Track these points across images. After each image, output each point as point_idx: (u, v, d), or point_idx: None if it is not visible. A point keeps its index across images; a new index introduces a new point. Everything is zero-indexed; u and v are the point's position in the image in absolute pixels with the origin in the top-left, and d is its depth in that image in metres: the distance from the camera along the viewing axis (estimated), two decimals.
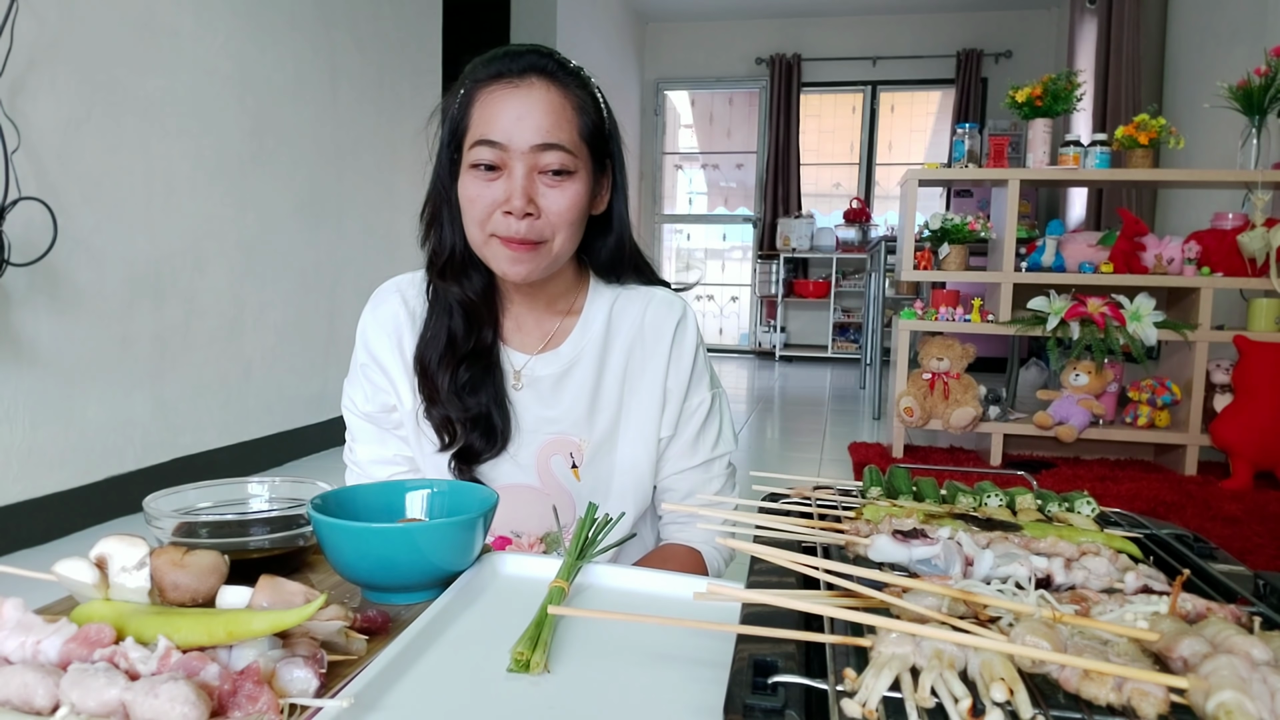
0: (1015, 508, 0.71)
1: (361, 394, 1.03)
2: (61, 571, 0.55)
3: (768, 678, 0.41)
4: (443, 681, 0.54)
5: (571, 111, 0.91)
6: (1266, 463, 3.26)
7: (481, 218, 0.90)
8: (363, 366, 1.03)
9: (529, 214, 0.89)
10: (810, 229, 7.81)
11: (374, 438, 1.03)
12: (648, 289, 1.05)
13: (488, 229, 0.90)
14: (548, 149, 0.88)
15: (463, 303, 0.98)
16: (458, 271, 0.97)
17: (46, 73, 2.30)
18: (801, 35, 7.94)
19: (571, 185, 0.91)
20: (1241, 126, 3.46)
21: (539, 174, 0.89)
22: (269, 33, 3.22)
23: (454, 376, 0.97)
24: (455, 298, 0.98)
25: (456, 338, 0.98)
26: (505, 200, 0.88)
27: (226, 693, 0.45)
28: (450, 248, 0.97)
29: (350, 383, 1.05)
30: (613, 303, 1.03)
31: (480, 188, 0.90)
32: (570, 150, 0.90)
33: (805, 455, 3.93)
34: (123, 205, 2.57)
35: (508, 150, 0.88)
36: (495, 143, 0.88)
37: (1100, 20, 5.97)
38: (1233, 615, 0.49)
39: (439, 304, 0.99)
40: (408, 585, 0.66)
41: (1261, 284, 3.35)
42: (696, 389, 1.04)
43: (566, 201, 0.90)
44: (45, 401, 2.34)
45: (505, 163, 0.88)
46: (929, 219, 3.85)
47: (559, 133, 0.89)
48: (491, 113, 0.89)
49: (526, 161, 0.88)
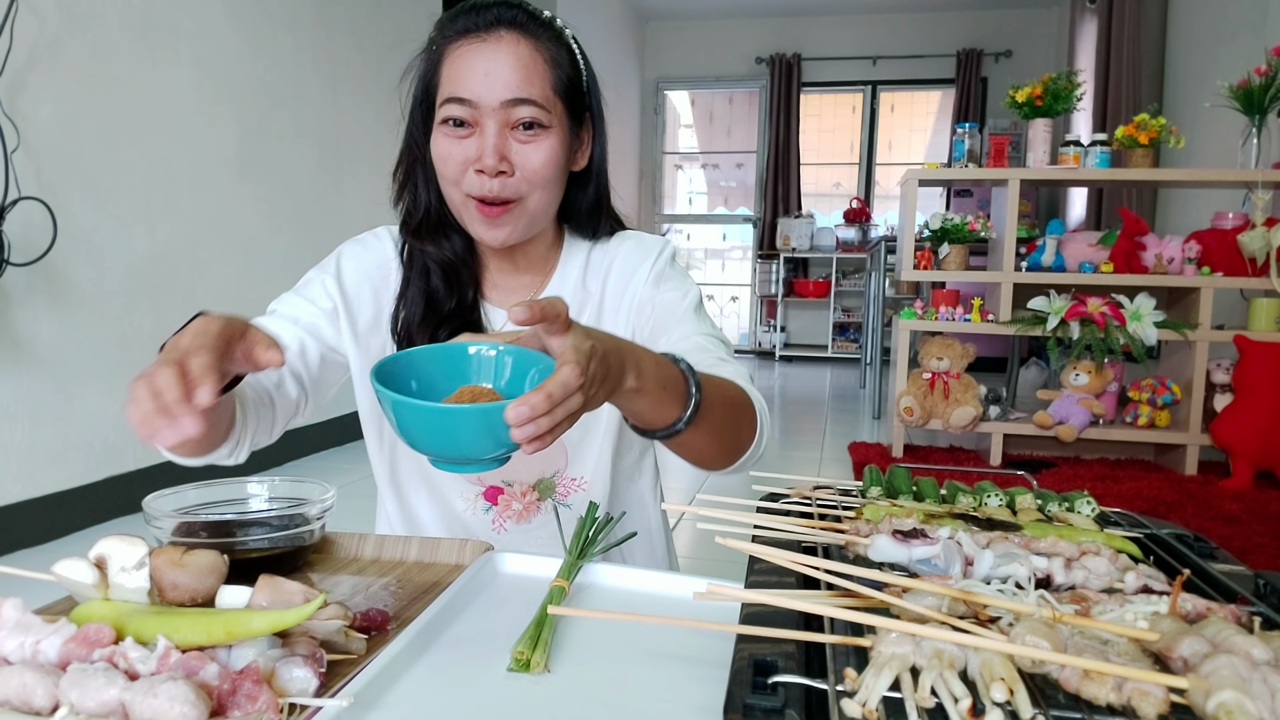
0: (1015, 508, 0.71)
1: (295, 303, 0.95)
2: (61, 571, 0.55)
3: (768, 678, 0.41)
4: (443, 681, 0.54)
5: (543, 64, 0.87)
6: (1267, 462, 3.26)
7: (455, 176, 0.87)
8: (322, 281, 0.96)
9: (502, 171, 0.86)
10: (810, 229, 7.80)
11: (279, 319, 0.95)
12: (623, 233, 1.03)
13: (463, 189, 0.87)
14: (518, 104, 0.85)
15: (442, 262, 0.95)
16: (434, 231, 0.95)
17: (46, 72, 2.30)
18: (801, 35, 7.94)
19: (546, 141, 0.87)
20: (1241, 126, 3.46)
21: (511, 130, 0.86)
22: (269, 32, 3.22)
23: (434, 338, 0.93)
24: (434, 258, 0.95)
25: (437, 297, 0.95)
26: (477, 158, 0.85)
27: (226, 692, 0.45)
28: (425, 208, 0.95)
29: (282, 298, 0.97)
30: (589, 253, 1.01)
31: (451, 145, 0.87)
32: (542, 105, 0.86)
33: (805, 455, 3.93)
34: (122, 205, 2.57)
35: (477, 107, 0.85)
36: (464, 99, 0.85)
37: (1100, 20, 5.97)
38: (1233, 615, 0.49)
39: (416, 265, 0.96)
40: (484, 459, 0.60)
41: (1261, 284, 3.35)
42: (668, 285, 0.98)
43: (541, 157, 0.87)
44: (45, 401, 2.34)
45: (476, 120, 0.86)
46: (929, 219, 3.85)
47: (530, 87, 0.85)
48: (460, 69, 0.86)
49: (497, 118, 0.85)
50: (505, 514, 1.00)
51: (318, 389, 0.96)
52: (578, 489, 1.00)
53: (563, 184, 0.93)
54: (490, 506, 0.99)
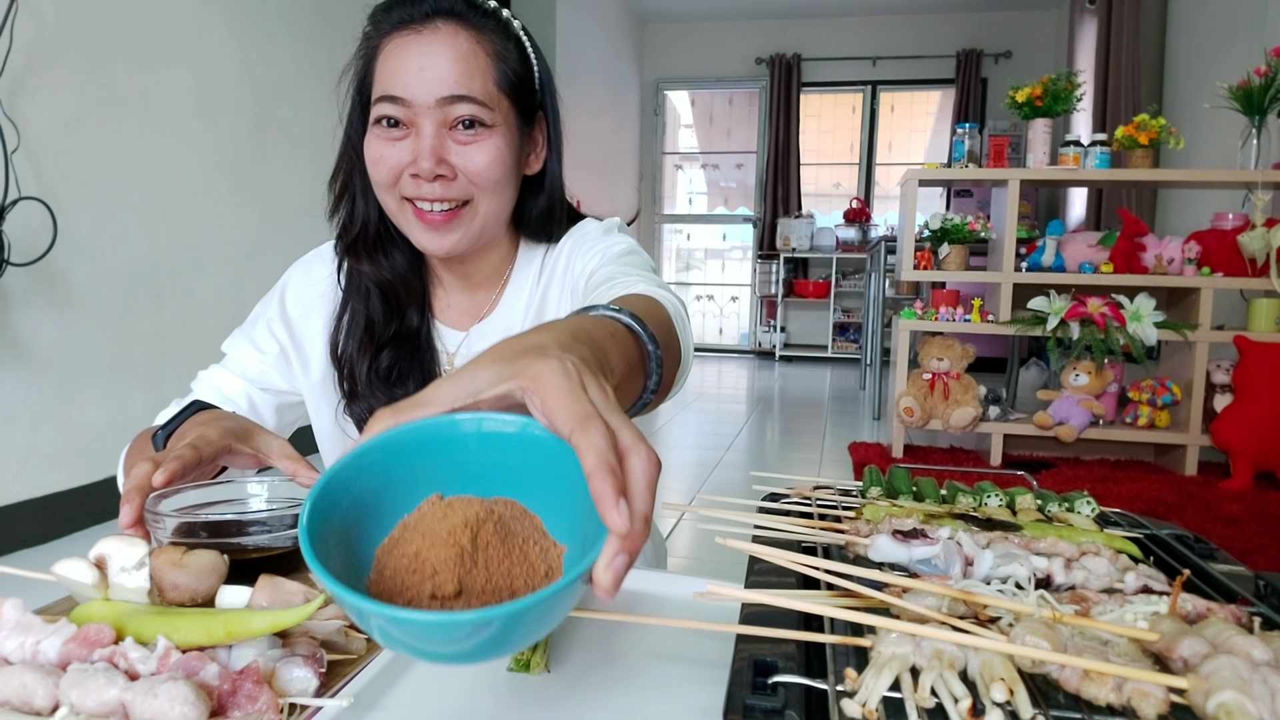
0: (1015, 508, 0.71)
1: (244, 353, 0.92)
2: (61, 572, 0.55)
3: (768, 678, 0.41)
4: (443, 681, 0.54)
5: (485, 58, 0.80)
6: (1267, 463, 3.26)
7: (388, 181, 0.81)
8: (268, 321, 0.92)
9: (441, 175, 0.79)
10: (810, 229, 7.81)
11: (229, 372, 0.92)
12: (571, 228, 0.94)
13: (398, 192, 0.81)
14: (456, 101, 0.78)
15: (380, 283, 0.88)
16: (372, 248, 0.87)
17: (46, 72, 2.30)
18: (801, 35, 7.94)
19: (489, 141, 0.80)
20: (1241, 126, 3.46)
21: (450, 130, 0.79)
22: (268, 32, 3.22)
23: (373, 365, 0.87)
24: (371, 278, 0.88)
25: (375, 322, 0.88)
26: (412, 161, 0.79)
27: (226, 692, 0.45)
28: (363, 221, 0.87)
29: (233, 340, 0.94)
30: (543, 257, 0.94)
31: (383, 147, 0.80)
32: (484, 102, 0.79)
33: (805, 455, 3.93)
34: (122, 205, 2.57)
35: (411, 105, 0.78)
36: (398, 98, 0.78)
37: (1100, 20, 5.97)
38: (1233, 615, 0.49)
39: (353, 285, 0.89)
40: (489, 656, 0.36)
41: (1261, 284, 3.35)
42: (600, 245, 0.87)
43: (484, 159, 0.80)
44: (45, 402, 2.34)
45: (411, 120, 0.79)
46: (929, 219, 3.85)
47: (469, 82, 0.78)
48: (394, 64, 0.79)
49: (434, 117, 0.78)
50: None
51: (280, 432, 0.93)
52: None
53: (515, 187, 0.86)
54: None
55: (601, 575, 0.34)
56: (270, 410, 0.93)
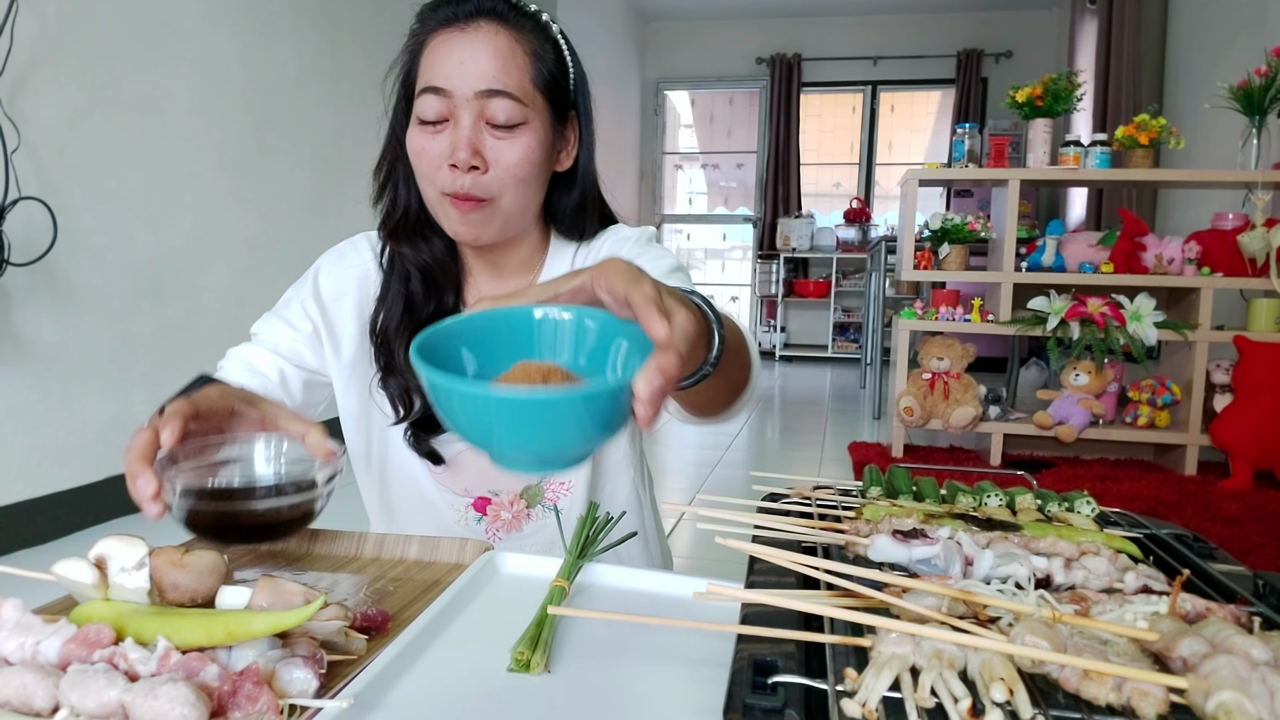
0: (1015, 508, 0.71)
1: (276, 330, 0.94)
2: (61, 572, 0.55)
3: (768, 678, 0.41)
4: (443, 681, 0.54)
5: (523, 56, 0.83)
6: (1266, 463, 3.26)
7: (429, 172, 0.84)
8: (301, 302, 0.95)
9: (474, 167, 0.82)
10: (810, 229, 7.81)
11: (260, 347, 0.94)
12: (606, 230, 0.99)
13: (437, 185, 0.85)
14: (493, 95, 0.82)
15: (420, 266, 0.92)
16: (413, 233, 0.92)
17: (47, 72, 2.30)
18: (801, 35, 7.94)
19: (522, 137, 0.84)
20: (1241, 126, 3.46)
21: (487, 124, 0.83)
22: (270, 31, 3.22)
23: (403, 338, 0.90)
24: (411, 261, 0.92)
25: (415, 302, 0.92)
26: (451, 152, 0.82)
27: (226, 694, 0.45)
28: (405, 208, 0.92)
29: (264, 321, 0.96)
30: (573, 258, 0.97)
31: (425, 139, 0.84)
32: (520, 98, 0.83)
33: (805, 455, 3.93)
34: (123, 204, 2.57)
35: (451, 97, 0.82)
36: (439, 89, 0.82)
37: (1100, 20, 5.97)
38: (1232, 615, 0.49)
39: (396, 268, 0.94)
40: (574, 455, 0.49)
41: (1261, 284, 3.35)
42: (643, 259, 0.89)
43: (516, 155, 0.83)
44: (46, 401, 2.34)
45: (451, 112, 0.82)
46: (929, 219, 3.85)
47: (506, 78, 0.82)
48: (437, 59, 0.83)
49: (471, 110, 0.82)
50: (496, 524, 0.98)
51: (304, 411, 0.95)
52: (566, 492, 0.98)
53: (542, 183, 0.90)
54: (481, 517, 0.98)
55: (641, 387, 0.43)
56: (299, 385, 0.95)
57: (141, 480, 0.61)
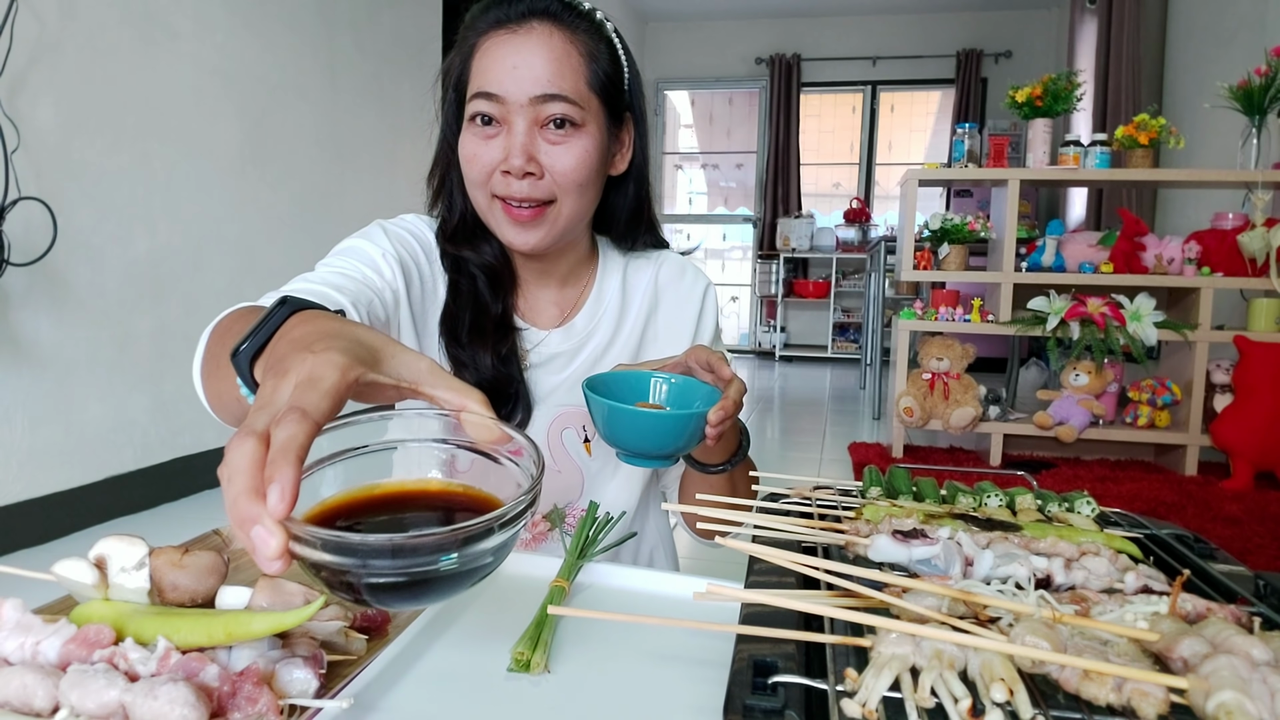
0: (1015, 508, 0.71)
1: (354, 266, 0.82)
2: (61, 572, 0.55)
3: (768, 678, 0.41)
4: (443, 681, 0.54)
5: (578, 58, 0.81)
6: (1267, 463, 3.26)
7: (480, 178, 0.82)
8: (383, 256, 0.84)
9: (530, 173, 0.80)
10: (810, 229, 7.81)
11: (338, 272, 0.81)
12: (655, 253, 1.00)
13: (489, 190, 0.83)
14: (549, 100, 0.79)
15: (483, 267, 0.91)
16: (471, 237, 0.90)
17: (46, 72, 2.30)
18: (801, 35, 7.94)
19: (578, 141, 0.81)
20: (1241, 126, 3.46)
21: (541, 129, 0.81)
22: (269, 33, 3.22)
23: (479, 339, 0.89)
24: (474, 263, 0.91)
25: (482, 301, 0.91)
26: (504, 159, 0.80)
27: (226, 694, 0.45)
28: (461, 214, 0.90)
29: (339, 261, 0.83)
30: (624, 270, 0.97)
31: (478, 145, 0.82)
32: (576, 101, 0.80)
33: (805, 455, 3.93)
34: (122, 205, 2.57)
35: (505, 103, 0.79)
36: (492, 94, 0.80)
37: (1100, 20, 5.97)
38: (1233, 615, 0.49)
39: (463, 270, 0.91)
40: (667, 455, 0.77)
41: (1261, 284, 3.35)
42: (706, 332, 1.01)
43: (573, 159, 0.81)
44: (45, 401, 2.34)
45: (504, 117, 0.80)
46: (929, 219, 3.85)
47: (561, 82, 0.80)
48: (489, 63, 0.80)
49: (526, 115, 0.80)
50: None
51: None
52: None
53: (599, 189, 0.88)
54: None
55: (713, 415, 0.72)
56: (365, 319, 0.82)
57: (264, 532, 0.35)
